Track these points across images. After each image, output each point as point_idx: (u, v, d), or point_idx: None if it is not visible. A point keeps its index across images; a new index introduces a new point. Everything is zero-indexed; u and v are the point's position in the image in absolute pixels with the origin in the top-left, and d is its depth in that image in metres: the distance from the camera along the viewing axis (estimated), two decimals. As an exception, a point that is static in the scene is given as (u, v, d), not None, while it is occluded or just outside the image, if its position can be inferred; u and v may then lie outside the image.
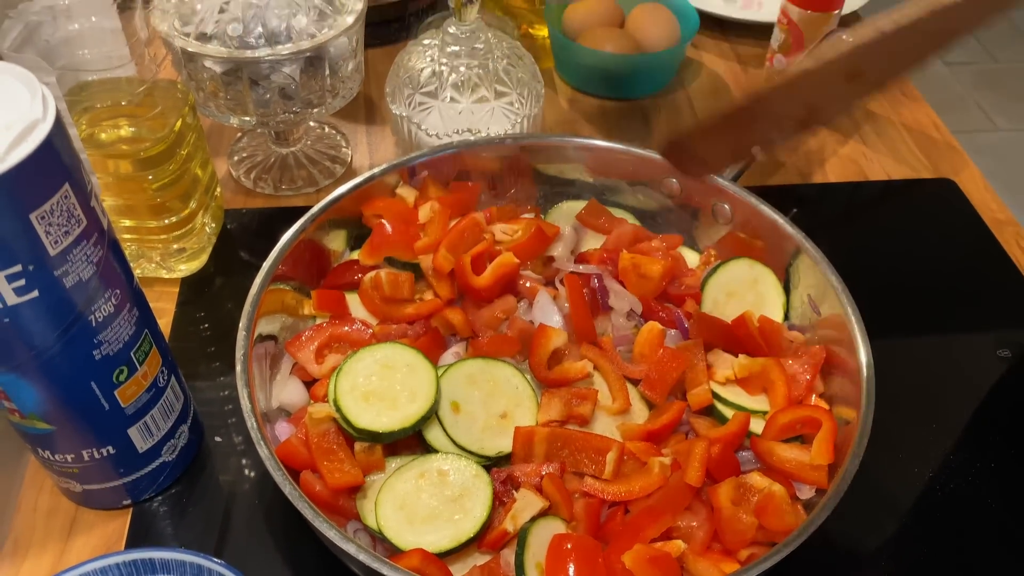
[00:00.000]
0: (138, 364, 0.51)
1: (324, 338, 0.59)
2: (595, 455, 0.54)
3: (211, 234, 0.72)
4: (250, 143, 0.81)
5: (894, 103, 0.92)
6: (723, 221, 0.67)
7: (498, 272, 0.61)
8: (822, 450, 0.53)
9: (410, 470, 0.52)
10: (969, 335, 0.70)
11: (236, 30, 0.65)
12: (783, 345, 0.61)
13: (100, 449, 0.52)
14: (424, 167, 0.68)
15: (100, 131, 0.62)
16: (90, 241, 0.45)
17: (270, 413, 0.56)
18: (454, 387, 0.56)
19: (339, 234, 0.66)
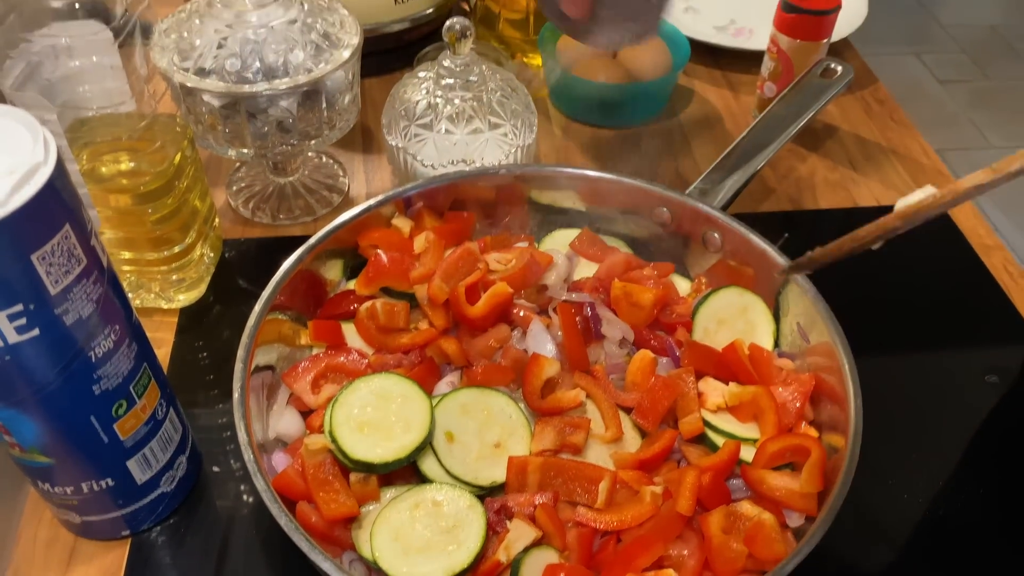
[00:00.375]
0: (137, 397, 0.52)
1: (320, 368, 0.60)
2: (588, 484, 0.55)
3: (209, 264, 0.73)
4: (248, 173, 0.82)
5: (884, 129, 0.93)
6: (713, 249, 0.68)
7: (492, 302, 0.62)
8: (811, 478, 0.54)
9: (405, 501, 0.52)
10: (957, 361, 0.71)
11: (234, 65, 0.67)
12: (773, 373, 0.62)
13: (99, 481, 0.53)
14: (419, 198, 0.69)
15: (100, 165, 0.63)
16: (90, 279, 0.46)
17: (267, 443, 0.57)
18: (448, 417, 0.57)
19: (335, 264, 0.67)
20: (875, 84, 1.00)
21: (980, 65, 2.95)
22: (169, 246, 0.67)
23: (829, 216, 0.83)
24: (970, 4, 3.30)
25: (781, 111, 0.75)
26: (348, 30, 0.72)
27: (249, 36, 0.67)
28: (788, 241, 0.77)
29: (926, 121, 2.69)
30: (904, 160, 0.90)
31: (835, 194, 0.85)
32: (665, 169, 0.87)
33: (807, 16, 0.84)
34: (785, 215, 0.83)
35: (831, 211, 0.84)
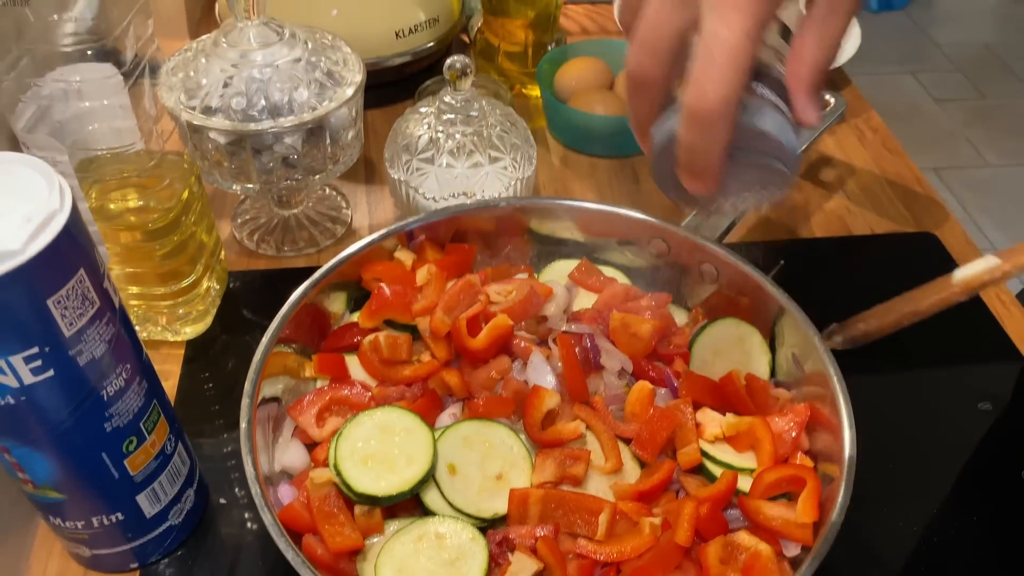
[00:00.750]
0: (147, 434, 0.53)
1: (324, 402, 0.61)
2: (588, 516, 0.56)
3: (215, 296, 0.75)
4: (253, 206, 0.84)
5: (877, 158, 0.95)
6: (709, 280, 0.70)
7: (493, 334, 0.64)
8: (807, 508, 0.55)
9: (408, 533, 0.54)
10: (950, 388, 0.72)
11: (240, 103, 0.68)
12: (769, 402, 0.63)
13: (109, 516, 0.54)
14: (421, 231, 0.70)
15: (109, 203, 0.65)
16: (103, 320, 0.47)
17: (273, 476, 0.58)
18: (451, 449, 0.58)
19: (339, 296, 0.69)
20: (868, 112, 1.01)
21: (976, 84, 2.98)
22: (176, 280, 0.69)
23: (824, 245, 0.85)
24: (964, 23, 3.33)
25: (775, 143, 0.76)
26: (351, 68, 0.73)
27: (254, 75, 0.69)
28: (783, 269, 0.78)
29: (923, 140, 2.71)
30: (897, 188, 0.91)
31: (830, 223, 0.87)
32: (662, 198, 0.88)
33: (800, 49, 0.86)
34: (781, 244, 0.84)
35: (826, 239, 0.85)
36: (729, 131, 0.44)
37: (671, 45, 0.45)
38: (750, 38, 0.41)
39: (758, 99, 0.46)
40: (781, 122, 0.46)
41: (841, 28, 0.45)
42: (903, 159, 0.95)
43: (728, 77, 0.42)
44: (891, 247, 0.85)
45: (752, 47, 0.42)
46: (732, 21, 0.41)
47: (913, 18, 3.34)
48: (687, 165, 0.47)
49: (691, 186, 0.49)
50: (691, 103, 0.43)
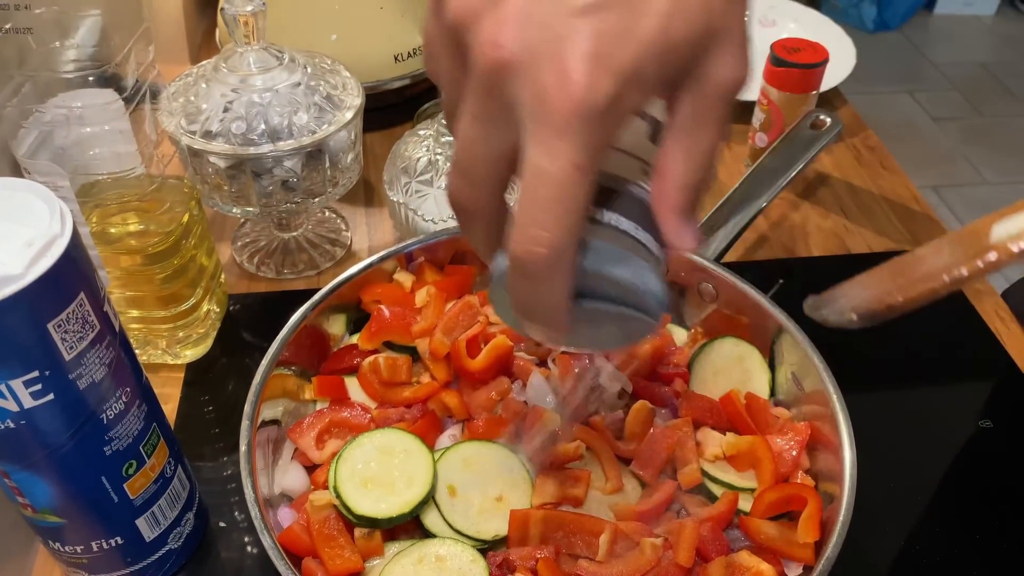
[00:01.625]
0: (146, 457, 0.53)
1: (324, 424, 0.61)
2: (589, 537, 0.56)
3: (215, 319, 0.75)
4: (253, 229, 0.84)
5: (875, 177, 0.95)
6: (709, 299, 0.70)
7: (492, 355, 0.64)
8: (808, 528, 0.55)
9: (408, 556, 0.53)
10: (951, 406, 0.72)
11: (240, 128, 0.69)
12: (769, 422, 0.63)
13: (109, 540, 0.54)
14: (421, 252, 0.71)
15: (109, 227, 0.65)
16: (103, 344, 0.47)
17: (272, 499, 0.58)
18: (451, 471, 0.58)
19: (339, 318, 0.69)
20: (865, 131, 1.02)
21: (972, 102, 3.00)
22: (176, 304, 0.69)
23: (823, 263, 0.85)
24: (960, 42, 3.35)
25: (772, 163, 0.77)
26: (350, 91, 0.74)
27: (254, 99, 0.69)
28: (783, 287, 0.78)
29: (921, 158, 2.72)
30: (895, 207, 0.92)
31: (828, 241, 0.87)
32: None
33: (795, 69, 0.87)
34: (779, 262, 0.85)
35: (824, 258, 0.85)
36: (564, 281, 0.36)
37: (491, 170, 0.36)
38: (581, 170, 0.33)
39: (610, 233, 0.38)
40: (637, 263, 0.38)
41: (713, 139, 0.36)
42: (900, 177, 0.96)
43: (557, 221, 0.33)
44: (889, 265, 0.85)
45: (585, 180, 0.33)
46: (557, 151, 0.32)
47: (909, 37, 3.36)
48: (523, 316, 0.39)
49: (534, 335, 0.42)
50: (514, 253, 0.35)
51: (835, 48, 1.08)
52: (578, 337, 0.43)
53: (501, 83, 0.33)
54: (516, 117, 0.34)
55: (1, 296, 0.40)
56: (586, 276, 0.37)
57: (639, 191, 0.39)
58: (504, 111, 0.34)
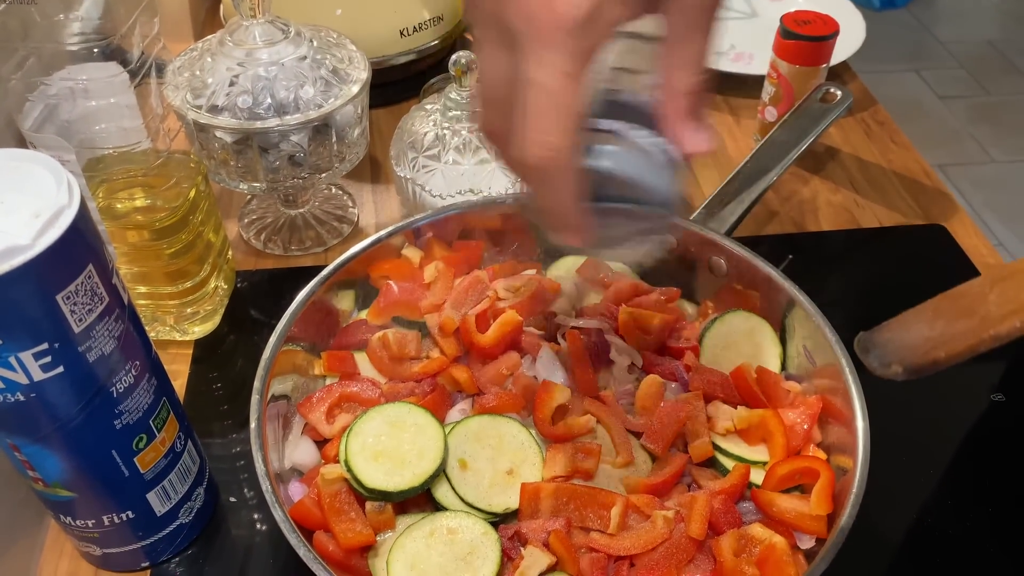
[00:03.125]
0: (156, 431, 0.53)
1: (334, 398, 0.61)
2: (600, 510, 0.55)
3: (223, 296, 0.75)
4: (260, 205, 0.84)
5: (884, 151, 0.95)
6: (719, 274, 0.69)
7: (502, 330, 0.63)
8: (821, 501, 0.54)
9: (420, 529, 0.53)
10: (963, 380, 0.72)
11: (246, 102, 0.68)
12: (781, 395, 0.63)
13: (120, 514, 0.54)
14: (429, 228, 0.70)
15: (116, 202, 0.65)
16: (112, 316, 0.47)
17: (283, 473, 0.58)
18: (461, 444, 0.57)
19: (347, 294, 0.68)
20: (875, 106, 1.01)
21: (979, 80, 2.97)
22: (184, 280, 0.68)
23: (832, 238, 0.84)
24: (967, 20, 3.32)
25: (782, 136, 0.76)
26: (357, 65, 0.73)
27: (260, 73, 0.69)
28: (792, 263, 0.78)
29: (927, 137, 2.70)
30: (905, 181, 0.91)
31: (838, 216, 0.86)
32: (669, 194, 0.89)
33: (806, 42, 0.86)
34: (789, 237, 0.84)
35: (834, 232, 0.85)
36: (571, 183, 0.40)
37: (507, 93, 0.39)
38: (571, 77, 0.36)
39: (613, 139, 0.41)
40: (645, 163, 0.41)
41: (704, 43, 0.39)
42: (910, 152, 0.95)
43: (553, 126, 0.37)
44: (900, 239, 0.84)
45: (575, 87, 0.37)
46: (548, 62, 0.36)
47: (916, 16, 3.33)
48: (544, 223, 0.43)
49: (560, 240, 0.45)
50: (516, 159, 0.39)
51: (845, 22, 1.07)
52: (601, 240, 0.46)
53: (499, 12, 0.37)
54: (516, 41, 0.37)
55: (10, 267, 0.40)
56: (599, 178, 0.41)
57: (642, 101, 0.42)
58: (506, 37, 0.38)
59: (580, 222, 0.42)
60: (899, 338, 0.53)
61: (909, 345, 0.53)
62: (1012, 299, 0.49)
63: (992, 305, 0.51)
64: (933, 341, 0.53)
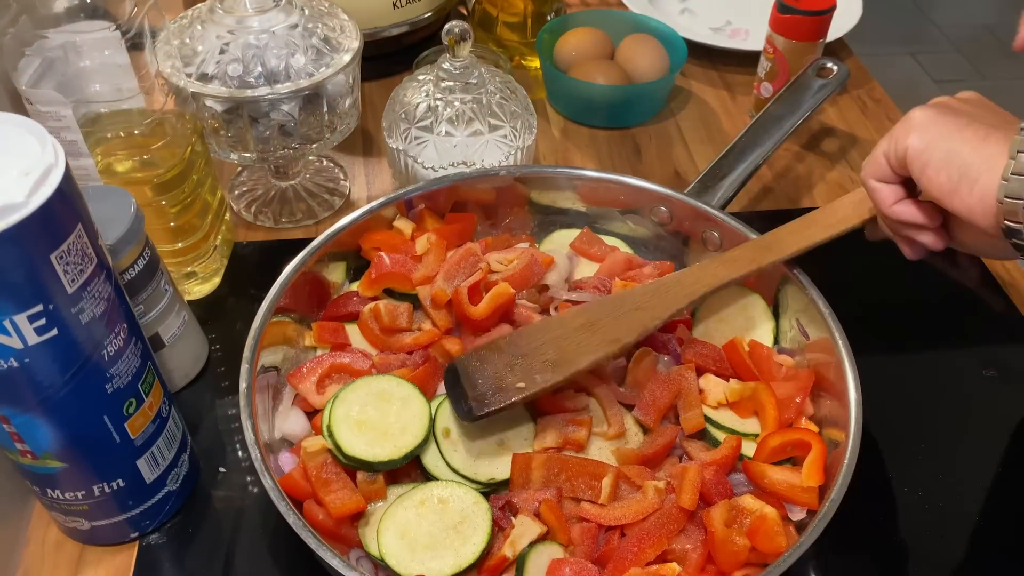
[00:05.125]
0: (145, 395, 0.52)
1: (324, 369, 0.60)
2: (591, 480, 0.55)
3: (223, 257, 0.74)
4: (250, 177, 0.83)
5: (880, 128, 0.94)
6: (713, 248, 0.69)
7: (494, 303, 0.63)
8: (812, 472, 0.54)
9: (411, 498, 0.53)
10: (955, 355, 0.72)
11: (236, 70, 0.67)
12: (773, 369, 0.63)
13: (111, 483, 0.53)
14: (421, 199, 0.70)
15: (115, 162, 0.64)
16: (101, 278, 0.47)
17: (273, 443, 0.58)
18: (452, 415, 0.57)
19: (338, 266, 0.68)
20: (870, 83, 1.01)
21: (975, 64, 2.97)
22: (183, 237, 0.68)
23: (826, 214, 0.84)
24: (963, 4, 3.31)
25: (778, 110, 0.76)
26: (348, 34, 0.72)
27: (251, 41, 0.68)
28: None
29: (923, 121, 2.70)
30: (900, 158, 0.91)
31: (832, 192, 0.86)
32: (663, 169, 0.88)
33: (802, 16, 0.85)
34: (783, 213, 0.84)
35: (828, 209, 0.84)
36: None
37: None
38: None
39: None
40: None
41: None
42: (906, 130, 0.94)
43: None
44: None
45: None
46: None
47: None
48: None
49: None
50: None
51: (841, -2, 1.06)
52: None
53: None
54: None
55: (7, 224, 0.40)
56: None
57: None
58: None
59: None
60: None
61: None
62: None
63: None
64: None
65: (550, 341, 0.60)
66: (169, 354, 0.64)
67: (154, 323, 0.62)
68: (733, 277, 0.62)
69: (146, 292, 0.60)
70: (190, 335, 0.66)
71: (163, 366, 0.64)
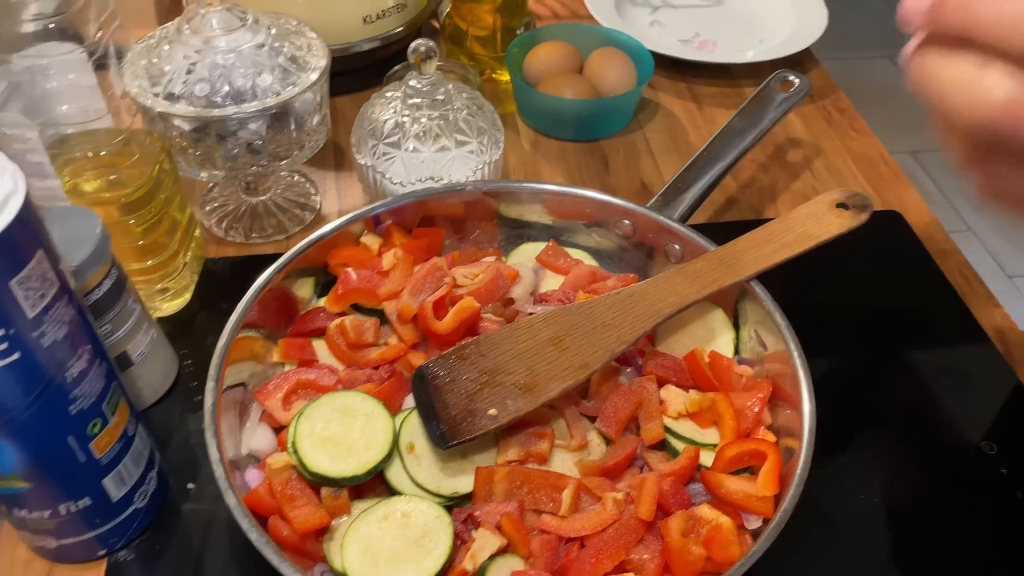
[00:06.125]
0: (110, 415, 0.53)
1: (291, 385, 0.61)
2: (552, 492, 0.56)
3: (192, 274, 0.75)
4: (221, 193, 0.84)
5: (844, 138, 0.96)
6: (675, 260, 0.70)
7: (459, 317, 0.64)
8: (767, 481, 0.56)
9: (374, 513, 0.54)
10: (913, 363, 0.73)
11: (203, 90, 0.68)
12: (733, 379, 0.64)
13: (77, 502, 0.54)
14: (388, 215, 0.71)
15: (82, 182, 0.65)
16: (62, 301, 0.47)
17: (240, 460, 0.58)
18: (417, 429, 0.58)
19: (306, 282, 0.69)
20: (836, 94, 1.02)
21: (950, 67, 2.99)
22: (152, 256, 0.69)
23: (791, 224, 0.85)
24: (941, 7, 3.34)
25: (739, 124, 0.77)
26: (316, 53, 0.73)
27: (218, 61, 0.69)
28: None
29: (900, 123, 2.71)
30: (864, 168, 0.92)
31: (796, 203, 0.87)
32: (630, 180, 0.89)
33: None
34: (747, 224, 0.84)
35: (793, 219, 0.86)
36: None
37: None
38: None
39: None
40: None
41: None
42: (870, 139, 0.96)
43: None
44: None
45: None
46: None
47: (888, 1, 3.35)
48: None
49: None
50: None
51: (806, 10, 1.08)
52: None
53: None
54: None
55: (-37, 253, 0.40)
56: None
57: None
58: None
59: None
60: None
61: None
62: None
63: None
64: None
65: (519, 356, 0.60)
66: (138, 372, 0.65)
67: (122, 341, 0.62)
68: (695, 299, 0.63)
69: (113, 311, 0.61)
70: (159, 352, 0.67)
71: (132, 384, 0.65)
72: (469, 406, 0.59)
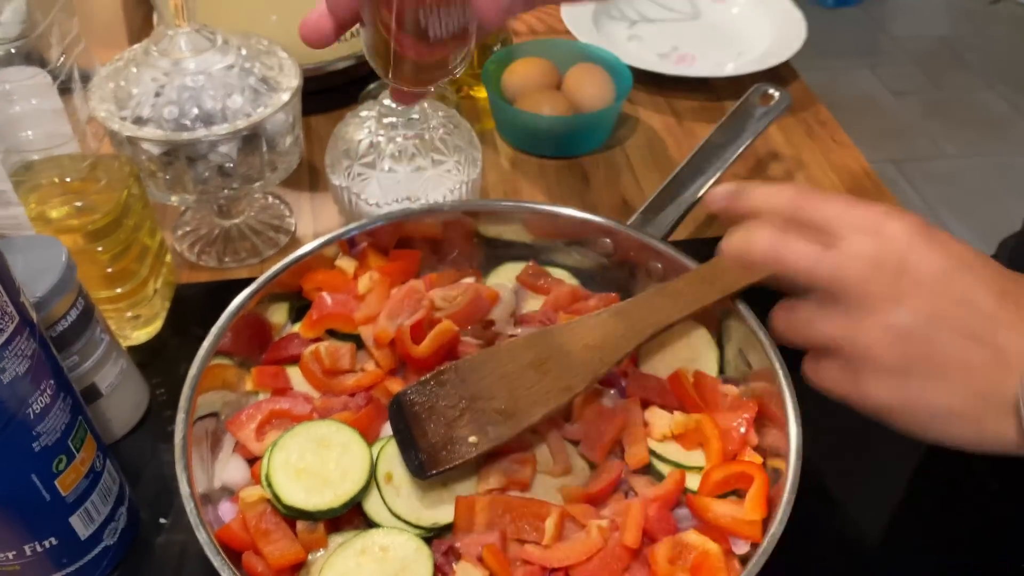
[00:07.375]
0: (76, 451, 0.51)
1: (264, 415, 0.59)
2: (535, 521, 0.55)
3: (164, 300, 0.73)
4: (194, 217, 0.82)
5: (826, 151, 0.95)
6: (657, 278, 0.69)
7: (437, 341, 0.62)
8: (755, 505, 0.54)
9: (351, 547, 0.52)
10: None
11: (172, 113, 0.67)
12: (718, 400, 0.62)
13: (43, 542, 0.52)
14: (363, 237, 0.69)
15: (49, 209, 0.63)
16: (23, 336, 0.46)
17: (213, 493, 0.57)
18: (395, 459, 0.57)
19: (280, 307, 0.67)
20: (816, 106, 1.02)
21: (931, 76, 3.02)
22: (122, 283, 0.67)
23: (773, 239, 0.84)
24: (918, 16, 3.37)
25: (719, 139, 0.76)
26: (287, 73, 0.72)
27: (187, 83, 0.67)
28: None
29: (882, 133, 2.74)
30: (846, 180, 0.92)
31: (779, 217, 0.86)
32: (611, 197, 0.88)
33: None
34: (730, 239, 0.84)
35: (775, 234, 0.85)
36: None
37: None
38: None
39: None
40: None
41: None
42: (851, 151, 0.95)
43: None
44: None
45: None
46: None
47: (868, 13, 3.38)
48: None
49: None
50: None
51: (785, 24, 1.08)
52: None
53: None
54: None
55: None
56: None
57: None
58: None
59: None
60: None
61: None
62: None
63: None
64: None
65: (499, 380, 0.59)
66: (107, 403, 0.63)
67: (90, 373, 0.61)
68: (678, 317, 0.61)
69: (80, 342, 0.59)
70: (129, 382, 0.65)
71: (101, 416, 0.63)
72: (448, 434, 0.57)
